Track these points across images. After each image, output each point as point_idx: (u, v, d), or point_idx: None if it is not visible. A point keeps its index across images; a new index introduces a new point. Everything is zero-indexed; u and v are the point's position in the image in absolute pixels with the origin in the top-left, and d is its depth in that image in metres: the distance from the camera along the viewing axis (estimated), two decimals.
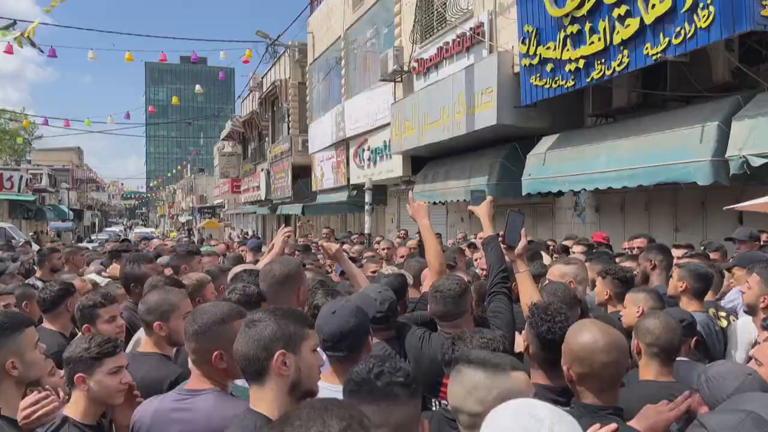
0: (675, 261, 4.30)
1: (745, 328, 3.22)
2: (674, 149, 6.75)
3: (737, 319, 3.49)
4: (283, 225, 5.08)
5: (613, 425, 1.73)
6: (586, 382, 1.91)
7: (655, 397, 2.22)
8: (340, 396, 1.57)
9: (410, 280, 3.81)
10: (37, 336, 2.26)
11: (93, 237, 39.84)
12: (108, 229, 55.75)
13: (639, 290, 3.20)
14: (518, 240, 2.96)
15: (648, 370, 2.51)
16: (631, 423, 1.97)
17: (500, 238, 2.92)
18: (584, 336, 1.93)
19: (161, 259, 5.47)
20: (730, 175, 6.12)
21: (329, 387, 2.04)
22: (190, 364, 2.12)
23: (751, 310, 3.15)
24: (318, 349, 1.85)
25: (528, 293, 2.82)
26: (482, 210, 3.16)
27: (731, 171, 6.06)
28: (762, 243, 5.83)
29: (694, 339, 2.77)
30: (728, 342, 3.29)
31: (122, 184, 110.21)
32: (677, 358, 2.64)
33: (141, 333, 2.95)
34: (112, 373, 2.17)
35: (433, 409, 2.44)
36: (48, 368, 2.40)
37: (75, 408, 2.18)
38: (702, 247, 5.68)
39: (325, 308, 2.28)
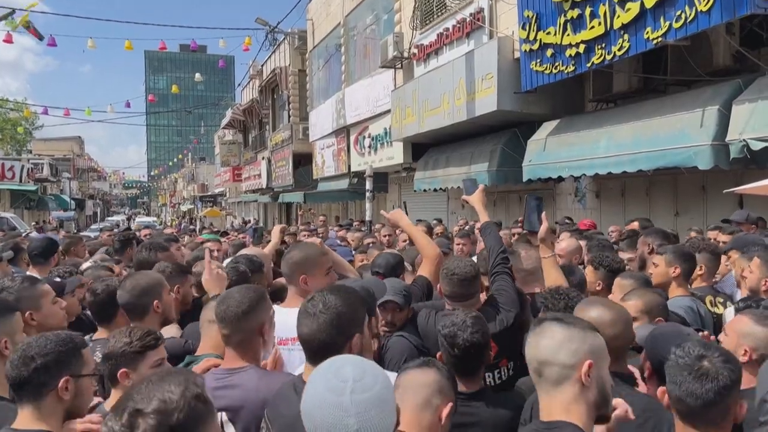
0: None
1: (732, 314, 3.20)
2: (675, 134, 6.74)
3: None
4: (283, 224, 5.23)
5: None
6: None
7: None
8: None
9: (408, 266, 3.89)
10: (22, 323, 2.38)
11: (93, 226, 39.91)
12: (110, 218, 55.87)
13: (627, 276, 3.17)
14: (539, 225, 2.97)
15: None
16: None
17: (519, 225, 2.96)
18: (592, 312, 2.06)
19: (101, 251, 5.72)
20: (731, 159, 6.13)
21: None
22: (227, 347, 2.18)
23: (753, 294, 3.13)
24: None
25: (553, 279, 2.85)
26: (475, 198, 3.20)
27: (731, 155, 6.06)
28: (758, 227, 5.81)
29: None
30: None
31: (123, 173, 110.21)
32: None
33: None
34: (156, 366, 2.13)
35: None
36: None
37: None
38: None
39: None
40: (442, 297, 2.82)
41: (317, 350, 1.76)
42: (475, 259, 4.23)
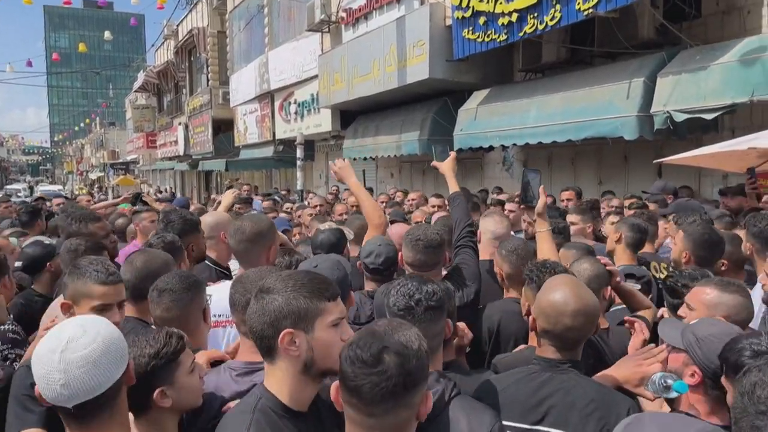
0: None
1: None
2: (603, 104, 6.93)
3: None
4: (235, 189, 4.97)
5: None
6: (548, 338, 1.87)
7: None
8: None
9: (350, 236, 3.74)
10: None
11: None
12: (9, 186, 52.02)
13: (570, 246, 3.20)
14: (536, 199, 2.89)
15: None
16: (608, 372, 1.99)
17: (516, 199, 2.84)
18: (556, 294, 1.85)
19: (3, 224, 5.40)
20: (654, 130, 6.38)
21: None
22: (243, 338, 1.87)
23: (676, 265, 3.24)
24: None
25: (546, 254, 2.77)
26: (446, 167, 3.07)
27: (656, 126, 6.31)
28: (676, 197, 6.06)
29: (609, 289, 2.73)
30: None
31: (23, 138, 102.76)
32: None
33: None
34: (192, 372, 1.71)
35: None
36: None
37: None
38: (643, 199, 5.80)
39: (305, 263, 2.19)
40: (403, 266, 2.66)
41: (253, 340, 1.62)
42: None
